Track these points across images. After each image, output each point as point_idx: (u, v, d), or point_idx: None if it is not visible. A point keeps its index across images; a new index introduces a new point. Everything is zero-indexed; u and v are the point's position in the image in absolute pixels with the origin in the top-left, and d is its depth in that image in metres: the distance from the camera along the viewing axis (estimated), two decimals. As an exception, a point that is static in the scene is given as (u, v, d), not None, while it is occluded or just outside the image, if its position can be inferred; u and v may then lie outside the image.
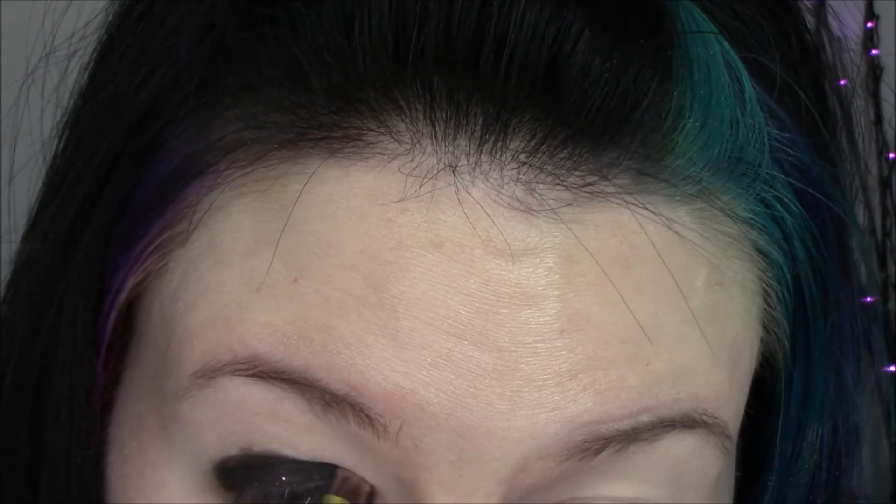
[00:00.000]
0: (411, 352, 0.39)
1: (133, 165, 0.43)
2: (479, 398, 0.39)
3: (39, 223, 0.45)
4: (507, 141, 0.39)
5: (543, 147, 0.39)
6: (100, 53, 0.46)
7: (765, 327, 0.45)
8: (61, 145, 0.47)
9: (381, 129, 0.39)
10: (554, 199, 0.39)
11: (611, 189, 0.40)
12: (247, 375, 0.40)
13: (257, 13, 0.41)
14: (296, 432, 0.40)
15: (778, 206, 0.43)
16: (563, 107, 0.39)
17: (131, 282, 0.43)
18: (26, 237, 0.48)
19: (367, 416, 0.39)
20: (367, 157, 0.39)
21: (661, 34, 0.40)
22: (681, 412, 0.41)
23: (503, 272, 0.39)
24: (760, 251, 0.43)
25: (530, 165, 0.39)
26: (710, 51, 0.41)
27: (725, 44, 0.42)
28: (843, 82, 0.48)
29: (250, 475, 0.41)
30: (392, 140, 0.39)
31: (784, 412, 0.47)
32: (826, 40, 0.48)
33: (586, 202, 0.39)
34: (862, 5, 0.58)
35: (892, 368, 0.52)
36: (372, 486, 0.41)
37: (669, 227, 0.41)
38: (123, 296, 0.43)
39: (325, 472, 0.41)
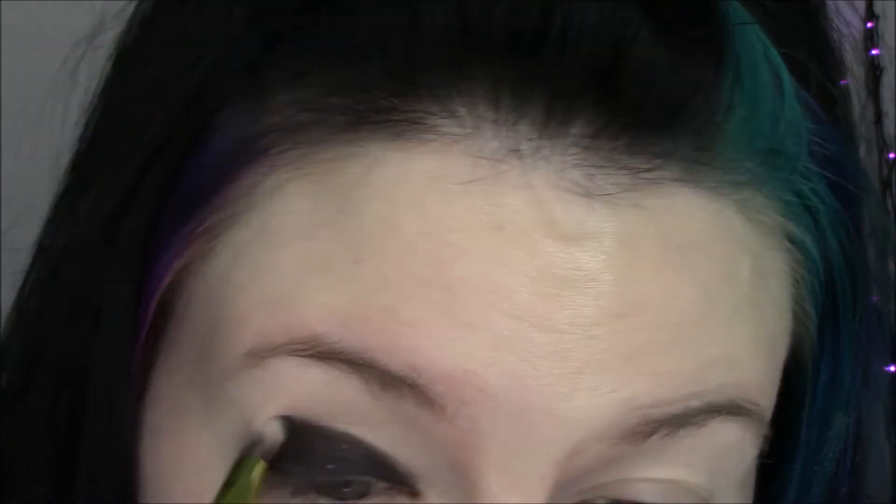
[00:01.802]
0: (473, 333, 0.40)
1: (181, 149, 0.43)
2: (538, 380, 0.40)
3: (77, 208, 0.45)
4: (569, 126, 0.40)
5: (603, 133, 0.40)
6: (132, 37, 0.47)
7: (795, 317, 0.46)
8: (93, 129, 0.47)
9: (444, 113, 0.40)
10: (612, 185, 0.40)
11: (666, 176, 0.41)
12: (303, 356, 0.41)
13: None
14: (349, 414, 0.41)
15: (813, 198, 0.44)
16: (624, 94, 0.40)
17: (176, 265, 0.44)
18: (55, 224, 0.48)
19: (427, 397, 0.40)
20: (429, 141, 0.40)
21: (715, 26, 0.42)
22: (727, 398, 0.42)
23: (563, 255, 0.40)
24: (795, 242, 0.45)
25: (590, 150, 0.40)
26: (753, 44, 0.43)
27: (765, 38, 0.43)
28: (843, 81, 0.49)
29: (296, 459, 0.42)
30: (454, 123, 0.40)
31: (810, 402, 0.48)
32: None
33: (643, 188, 0.41)
34: (862, 5, 0.58)
35: (893, 368, 0.52)
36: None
37: (718, 216, 0.42)
38: (168, 280, 0.44)
39: (369, 461, 0.42)
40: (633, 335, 0.40)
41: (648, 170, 0.41)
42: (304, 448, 0.42)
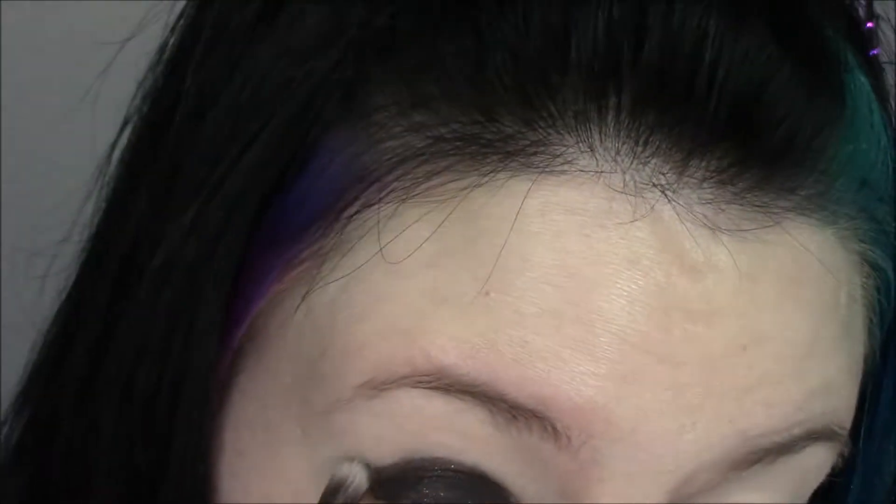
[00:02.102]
0: (605, 366, 0.40)
1: (284, 169, 0.43)
2: (662, 412, 0.40)
3: (170, 227, 0.44)
4: (704, 161, 0.40)
5: (735, 168, 0.41)
6: (218, 49, 0.45)
7: (867, 337, 0.47)
8: (177, 144, 0.45)
9: (580, 145, 0.40)
10: (741, 219, 0.41)
11: (787, 211, 0.42)
12: (427, 388, 0.40)
13: (438, 17, 0.41)
14: (468, 444, 0.41)
15: (893, 224, 0.45)
16: (761, 132, 0.41)
17: (276, 289, 0.43)
18: (117, 244, 0.46)
19: (553, 429, 0.40)
20: (562, 172, 0.40)
21: (837, 67, 0.43)
22: (824, 425, 0.43)
23: (694, 289, 0.40)
24: (875, 267, 0.46)
25: (722, 185, 0.41)
26: (859, 78, 0.44)
27: (864, 77, 0.45)
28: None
29: (404, 486, 0.42)
30: (591, 156, 0.40)
31: (871, 416, 0.49)
32: None
33: (766, 223, 0.41)
34: (862, 5, 0.59)
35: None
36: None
37: (823, 246, 0.43)
38: (264, 303, 0.43)
39: (480, 490, 0.42)
40: (752, 368, 0.41)
41: (771, 205, 0.41)
42: (412, 479, 0.42)
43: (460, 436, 0.41)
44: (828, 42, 0.43)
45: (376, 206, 0.41)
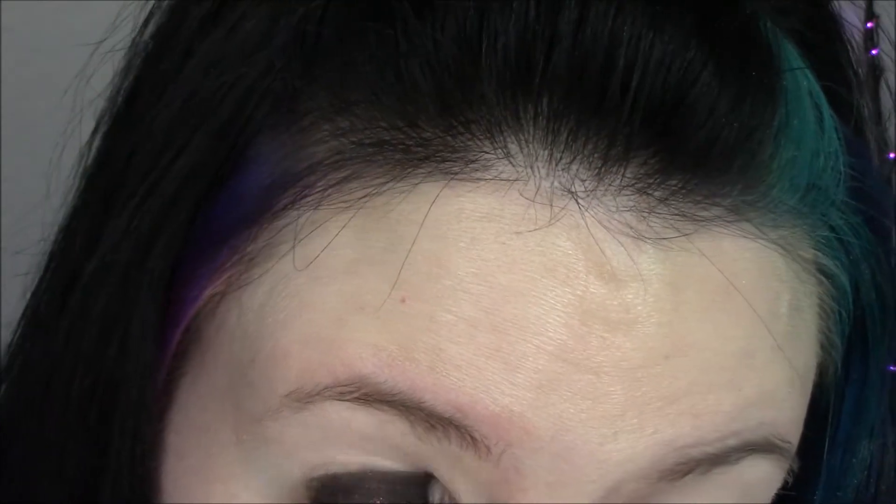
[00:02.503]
0: (521, 375, 0.40)
1: (216, 175, 0.43)
2: (583, 421, 0.40)
3: (106, 231, 0.44)
4: (624, 168, 0.40)
5: (658, 175, 0.40)
6: (161, 55, 0.45)
7: (822, 348, 0.46)
8: (118, 147, 0.46)
9: (497, 152, 0.40)
10: (663, 227, 0.40)
11: (715, 218, 0.41)
12: (349, 400, 0.40)
13: (361, 26, 0.41)
14: (395, 455, 0.41)
15: (848, 231, 0.45)
16: (682, 137, 0.40)
17: (209, 292, 0.43)
18: (78, 245, 0.46)
19: (472, 438, 0.40)
20: (481, 179, 0.40)
21: (770, 69, 0.42)
22: (763, 437, 0.42)
23: (613, 298, 0.40)
24: (827, 275, 0.45)
25: (644, 193, 0.40)
26: (800, 83, 0.43)
27: (811, 76, 0.44)
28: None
29: (340, 492, 0.42)
30: (507, 163, 0.40)
31: (833, 428, 0.48)
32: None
33: (692, 230, 0.41)
34: (862, 5, 0.59)
35: (893, 368, 0.52)
36: None
37: (760, 254, 0.42)
38: (198, 305, 0.43)
39: (418, 495, 0.42)
40: (677, 377, 0.41)
41: (700, 212, 0.41)
42: (352, 485, 0.42)
43: (387, 447, 0.41)
44: (759, 42, 0.42)
45: (297, 212, 0.41)
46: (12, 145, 0.72)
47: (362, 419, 0.41)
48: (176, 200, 0.43)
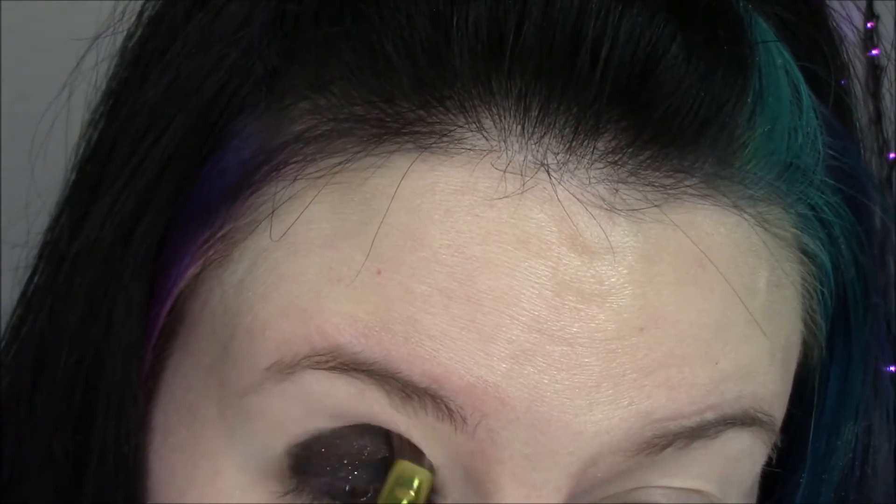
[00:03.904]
0: (495, 345, 0.40)
1: (198, 154, 0.43)
2: (558, 392, 0.40)
3: (91, 212, 0.45)
4: (596, 140, 0.40)
5: (629, 147, 0.40)
6: (146, 38, 0.46)
7: (806, 327, 0.46)
8: (104, 130, 0.47)
9: (470, 126, 0.40)
10: (636, 199, 0.41)
11: (688, 190, 0.41)
12: (327, 369, 0.41)
13: (337, 4, 0.42)
14: (374, 422, 0.41)
15: (827, 210, 0.45)
16: (652, 108, 0.40)
17: (192, 271, 0.44)
18: (66, 226, 0.47)
19: (447, 409, 0.40)
20: (454, 153, 0.40)
21: (741, 42, 0.42)
22: (742, 410, 0.42)
23: (587, 270, 0.40)
24: (808, 254, 0.45)
25: (616, 165, 0.40)
26: (775, 59, 0.43)
27: (786, 53, 0.44)
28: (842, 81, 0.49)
29: (317, 465, 0.42)
30: (481, 136, 0.40)
31: (819, 410, 0.48)
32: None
33: (665, 203, 0.41)
34: (862, 5, 0.58)
35: (893, 369, 0.52)
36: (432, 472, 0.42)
37: (737, 229, 0.42)
38: (182, 284, 0.44)
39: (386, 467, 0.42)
40: (652, 349, 0.41)
41: (672, 185, 0.41)
42: (327, 455, 0.42)
43: (364, 417, 0.41)
44: (729, 15, 0.42)
45: (280, 188, 0.42)
46: (12, 145, 0.72)
47: (342, 388, 0.41)
48: (159, 180, 0.44)
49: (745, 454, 0.44)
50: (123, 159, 0.45)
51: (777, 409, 0.44)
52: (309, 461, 0.42)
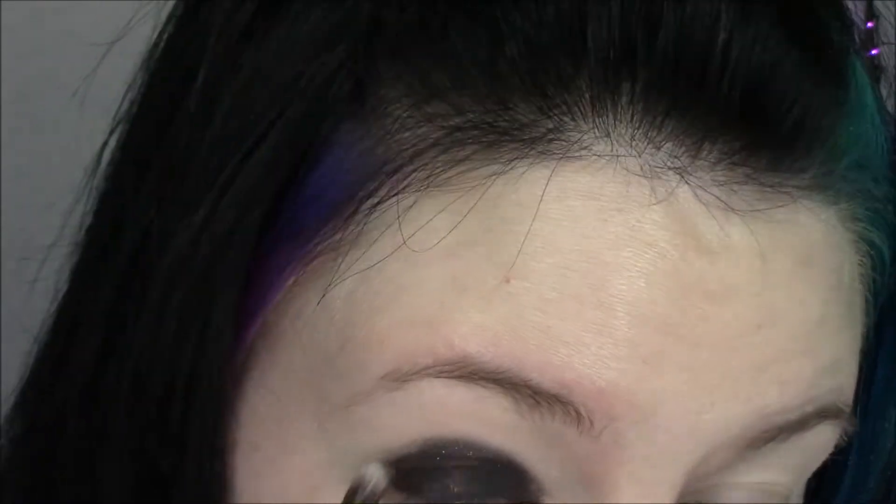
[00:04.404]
0: (627, 349, 0.40)
1: (297, 165, 0.43)
2: (684, 393, 0.41)
3: (180, 226, 0.43)
4: (716, 144, 0.41)
5: (746, 151, 0.41)
6: (225, 44, 0.44)
7: (866, 317, 0.48)
8: (186, 140, 0.45)
9: (596, 131, 0.41)
10: (753, 200, 0.42)
11: (796, 191, 0.42)
12: (448, 377, 0.41)
13: (445, 9, 0.42)
14: (490, 431, 0.42)
15: (888, 203, 0.47)
16: (771, 115, 0.41)
17: (290, 283, 0.43)
18: (144, 239, 0.45)
19: (577, 414, 0.41)
20: (579, 158, 0.41)
21: (841, 53, 0.44)
22: (832, 402, 0.44)
23: (710, 270, 0.41)
24: (871, 245, 0.47)
25: (733, 166, 0.41)
26: (857, 67, 0.45)
27: (858, 59, 0.46)
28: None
29: (427, 477, 0.42)
30: (607, 141, 0.41)
31: (866, 394, 0.50)
32: None
33: (777, 202, 0.42)
34: (862, 5, 0.59)
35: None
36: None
37: (827, 225, 0.44)
38: (278, 298, 0.43)
39: (503, 478, 0.42)
40: (767, 345, 0.42)
41: (783, 186, 0.42)
42: (434, 469, 0.42)
43: (482, 423, 0.41)
44: (831, 27, 0.44)
45: (395, 198, 0.41)
46: (12, 145, 0.72)
47: (460, 395, 0.41)
48: (255, 193, 0.43)
49: (826, 445, 0.45)
50: (213, 171, 0.43)
51: (852, 398, 0.46)
52: (413, 475, 0.42)
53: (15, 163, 0.71)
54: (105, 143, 0.49)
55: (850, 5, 0.53)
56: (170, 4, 0.48)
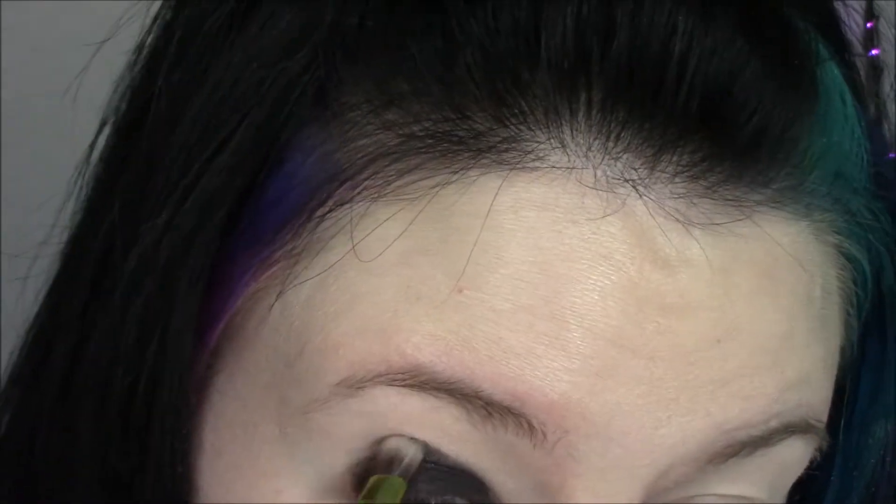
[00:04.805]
0: (579, 362, 0.40)
1: (258, 170, 0.43)
2: (638, 406, 0.41)
3: (143, 230, 0.44)
4: (675, 156, 0.41)
5: (707, 162, 0.41)
6: (194, 50, 0.45)
7: (845, 331, 0.47)
8: (149, 146, 0.45)
9: (552, 142, 0.40)
10: (713, 213, 0.41)
11: (759, 205, 0.42)
12: (401, 385, 0.41)
13: (408, 16, 0.42)
14: (445, 439, 0.41)
15: (869, 215, 0.46)
16: (733, 125, 0.41)
17: (252, 288, 0.43)
18: (91, 248, 0.46)
19: (529, 426, 0.40)
20: (534, 169, 0.40)
21: (809, 60, 0.43)
22: (801, 418, 0.43)
23: (667, 284, 0.41)
24: (851, 259, 0.46)
25: (693, 179, 0.41)
26: (830, 75, 0.44)
27: (835, 66, 0.45)
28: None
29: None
30: (562, 152, 0.41)
31: (850, 409, 0.49)
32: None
33: (738, 216, 0.41)
34: (862, 5, 0.58)
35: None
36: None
37: (797, 239, 0.43)
38: (239, 302, 0.43)
39: (461, 485, 0.42)
40: (727, 360, 0.41)
41: (746, 198, 0.41)
42: (389, 473, 0.42)
43: (437, 432, 0.41)
44: (798, 34, 0.43)
45: (349, 205, 0.41)
46: (12, 145, 0.72)
47: (413, 403, 0.41)
48: (217, 197, 0.43)
49: (797, 461, 0.45)
50: (177, 174, 0.44)
51: (825, 414, 0.45)
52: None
53: (15, 163, 0.71)
54: (93, 144, 0.49)
55: (850, 5, 0.53)
56: (157, 5, 0.48)
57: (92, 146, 0.50)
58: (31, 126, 0.66)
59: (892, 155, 0.61)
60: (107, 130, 0.49)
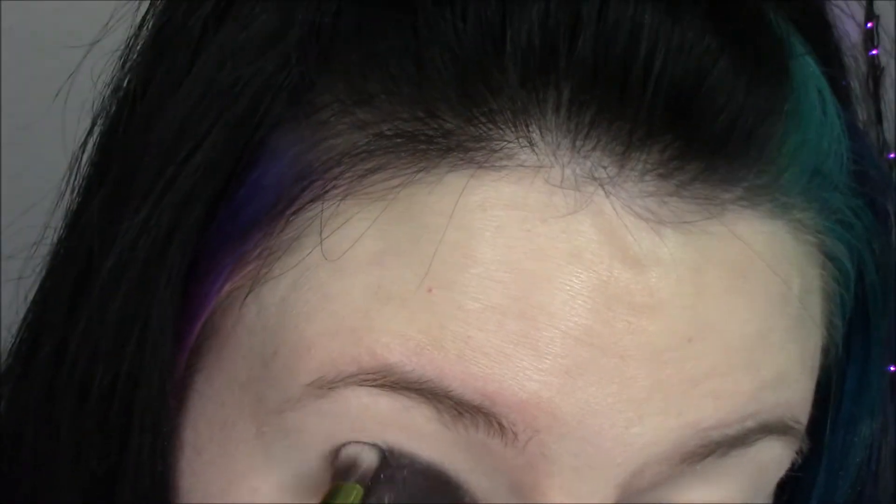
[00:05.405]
0: (549, 361, 0.40)
1: (233, 169, 0.43)
2: (609, 406, 0.40)
3: (123, 228, 0.44)
4: (645, 153, 0.40)
5: (677, 160, 0.40)
6: (156, 51, 0.45)
7: (827, 330, 0.47)
8: (128, 144, 0.45)
9: (520, 140, 0.40)
10: (683, 211, 0.41)
11: (731, 201, 0.41)
12: (371, 385, 0.40)
13: (378, 17, 0.42)
14: (417, 440, 0.41)
15: (850, 213, 0.45)
16: (702, 122, 0.40)
17: (228, 287, 0.43)
18: (77, 247, 0.46)
19: (500, 425, 0.40)
20: (503, 168, 0.40)
21: (780, 55, 0.42)
22: (778, 418, 0.43)
23: (638, 283, 0.40)
24: (832, 258, 0.45)
25: (663, 177, 0.40)
26: (804, 69, 0.44)
27: (813, 62, 0.44)
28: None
29: (357, 477, 0.41)
30: (530, 151, 0.40)
31: (835, 408, 0.49)
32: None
33: (711, 214, 0.41)
34: (862, 5, 0.58)
35: (893, 368, 0.52)
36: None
37: (773, 237, 0.43)
38: (216, 301, 0.43)
39: (435, 486, 0.42)
40: (699, 359, 0.41)
41: (717, 196, 0.41)
42: (363, 472, 0.42)
43: (409, 433, 0.41)
44: (769, 30, 0.43)
45: (318, 204, 0.41)
46: (12, 145, 0.72)
47: (384, 404, 0.41)
48: (194, 195, 0.43)
49: (776, 462, 0.44)
50: (154, 174, 0.44)
51: (805, 415, 0.45)
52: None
53: (15, 163, 0.71)
54: (83, 144, 0.49)
55: (850, 6, 0.53)
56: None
57: (83, 147, 0.50)
58: (31, 126, 0.66)
59: (892, 155, 0.61)
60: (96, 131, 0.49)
